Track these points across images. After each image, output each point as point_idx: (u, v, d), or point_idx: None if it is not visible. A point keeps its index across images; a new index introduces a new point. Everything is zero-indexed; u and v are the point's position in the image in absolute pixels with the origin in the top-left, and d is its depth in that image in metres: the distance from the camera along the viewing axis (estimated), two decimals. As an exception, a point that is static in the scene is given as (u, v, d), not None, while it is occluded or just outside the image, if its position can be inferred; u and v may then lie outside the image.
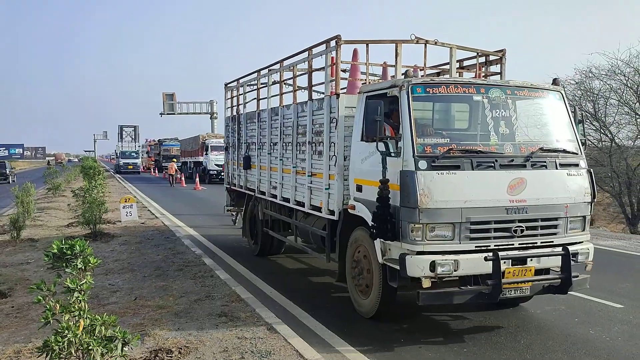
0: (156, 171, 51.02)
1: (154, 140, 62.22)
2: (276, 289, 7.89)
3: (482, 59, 8.27)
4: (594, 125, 19.70)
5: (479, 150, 5.86)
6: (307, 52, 8.22)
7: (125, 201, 15.63)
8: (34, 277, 8.28)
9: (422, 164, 5.55)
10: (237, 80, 11.84)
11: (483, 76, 8.19)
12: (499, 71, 8.17)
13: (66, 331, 3.87)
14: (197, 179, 31.81)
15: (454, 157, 5.67)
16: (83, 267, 4.30)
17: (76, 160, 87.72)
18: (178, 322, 6.19)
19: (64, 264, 4.25)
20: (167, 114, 44.84)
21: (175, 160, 42.54)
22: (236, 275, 8.72)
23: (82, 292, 4.09)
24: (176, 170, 34.56)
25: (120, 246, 11.26)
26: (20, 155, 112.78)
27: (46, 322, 3.94)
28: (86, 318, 4.01)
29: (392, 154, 5.79)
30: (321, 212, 7.51)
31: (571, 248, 5.98)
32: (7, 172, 39.15)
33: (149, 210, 18.65)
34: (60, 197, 23.50)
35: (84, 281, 4.14)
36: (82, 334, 3.92)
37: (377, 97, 6.15)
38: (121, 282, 8.17)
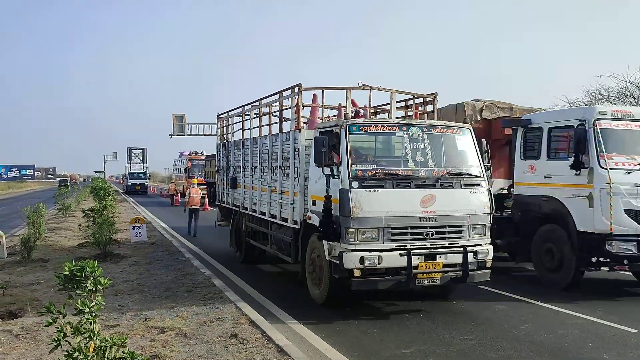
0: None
1: (197, 153, 39.87)
2: (286, 312, 7.86)
3: (420, 100, 10.17)
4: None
5: (399, 174, 7.64)
6: (278, 94, 10.07)
7: (135, 222, 15.67)
8: (45, 298, 8.29)
9: (355, 183, 7.31)
10: (227, 112, 13.75)
11: (421, 113, 10.07)
12: (432, 109, 9.89)
13: (77, 353, 3.87)
14: (206, 200, 28.25)
15: (378, 179, 7.48)
16: (93, 289, 4.31)
17: (90, 180, 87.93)
18: (188, 343, 6.16)
19: (75, 285, 4.27)
20: (177, 135, 45.01)
21: (175, 181, 42.85)
22: (245, 296, 8.70)
23: (93, 314, 4.09)
24: (175, 191, 35.66)
25: (130, 267, 11.27)
26: (31, 176, 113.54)
27: (57, 344, 3.94)
28: (97, 340, 4.01)
29: (335, 176, 7.49)
30: (288, 223, 9.19)
31: (473, 248, 7.70)
32: (68, 183, 61.93)
33: (158, 230, 18.69)
34: (70, 217, 23.62)
35: (94, 302, 4.15)
36: (93, 356, 3.91)
37: (327, 133, 7.90)
38: (131, 302, 8.15)
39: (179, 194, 35.21)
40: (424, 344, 6.50)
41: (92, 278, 4.23)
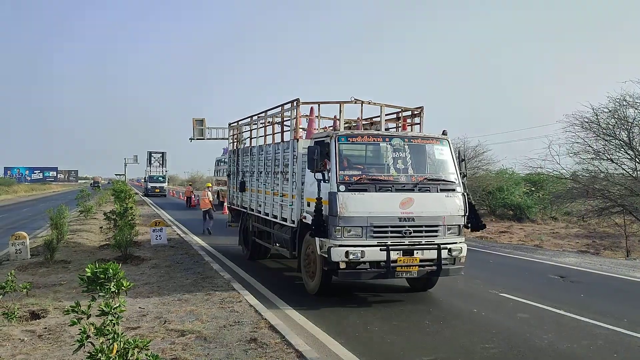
0: None
1: None
2: (305, 316, 7.85)
3: (409, 112, 11.04)
4: (628, 154, 19.24)
5: (381, 179, 8.57)
6: (280, 107, 11.08)
7: (155, 225, 15.80)
8: (67, 299, 8.38)
9: (342, 187, 8.27)
10: (237, 121, 14.97)
11: (409, 125, 10.96)
12: (419, 122, 10.82)
13: (100, 354, 3.90)
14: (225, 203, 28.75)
15: (363, 183, 8.42)
16: (116, 290, 4.34)
17: (111, 183, 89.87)
18: (208, 347, 6.17)
19: (98, 287, 4.30)
20: (197, 139, 45.32)
21: (191, 184, 43.52)
22: (265, 301, 8.70)
23: (116, 315, 4.12)
24: (192, 193, 36.43)
25: (150, 269, 11.35)
26: (54, 178, 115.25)
27: (81, 345, 3.98)
28: (119, 341, 4.03)
29: (326, 181, 8.40)
30: (287, 222, 10.22)
31: (448, 246, 8.59)
32: (100, 185, 72.29)
33: (178, 234, 18.82)
34: (92, 219, 23.90)
35: (117, 304, 4.18)
36: (116, 358, 3.94)
37: (319, 143, 8.71)
38: (151, 305, 8.20)
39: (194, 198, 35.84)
40: (445, 352, 6.42)
41: (115, 280, 4.26)
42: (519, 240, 19.23)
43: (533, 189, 27.96)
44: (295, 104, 10.21)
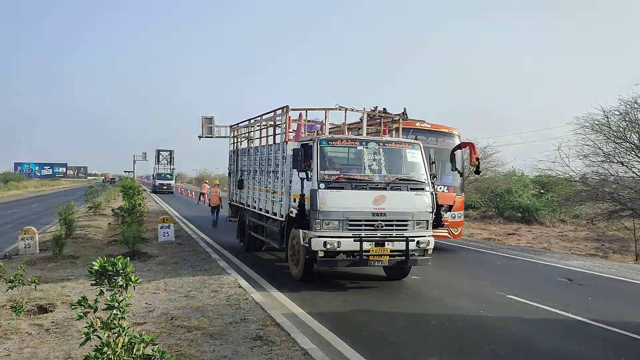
0: None
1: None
2: (311, 315, 7.84)
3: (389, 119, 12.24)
4: (639, 157, 19.09)
5: (357, 179, 9.55)
6: (273, 112, 12.15)
7: (163, 222, 15.85)
8: (74, 294, 8.43)
9: (322, 185, 9.28)
10: (237, 124, 16.28)
11: (390, 130, 12.17)
12: (398, 127, 11.94)
13: (106, 348, 3.92)
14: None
15: (340, 182, 9.42)
16: (124, 285, 4.36)
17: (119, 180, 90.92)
18: (213, 344, 6.18)
19: (106, 281, 4.32)
20: (206, 137, 45.41)
21: (207, 182, 43.83)
22: (271, 299, 8.71)
23: (122, 310, 4.13)
24: (208, 189, 37.03)
25: (157, 266, 11.39)
26: (63, 174, 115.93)
27: (87, 338, 4.00)
28: (125, 336, 4.05)
29: (308, 179, 9.43)
30: (277, 216, 11.26)
31: (416, 239, 9.54)
32: (116, 181, 74.79)
33: (185, 231, 18.88)
34: (100, 215, 24.03)
35: (122, 298, 4.19)
36: (121, 352, 3.95)
37: (304, 145, 9.82)
38: (157, 301, 8.23)
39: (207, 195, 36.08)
40: (450, 352, 6.41)
41: (123, 274, 4.28)
42: (526, 242, 19.14)
43: (542, 191, 27.82)
44: (285, 110, 11.22)
